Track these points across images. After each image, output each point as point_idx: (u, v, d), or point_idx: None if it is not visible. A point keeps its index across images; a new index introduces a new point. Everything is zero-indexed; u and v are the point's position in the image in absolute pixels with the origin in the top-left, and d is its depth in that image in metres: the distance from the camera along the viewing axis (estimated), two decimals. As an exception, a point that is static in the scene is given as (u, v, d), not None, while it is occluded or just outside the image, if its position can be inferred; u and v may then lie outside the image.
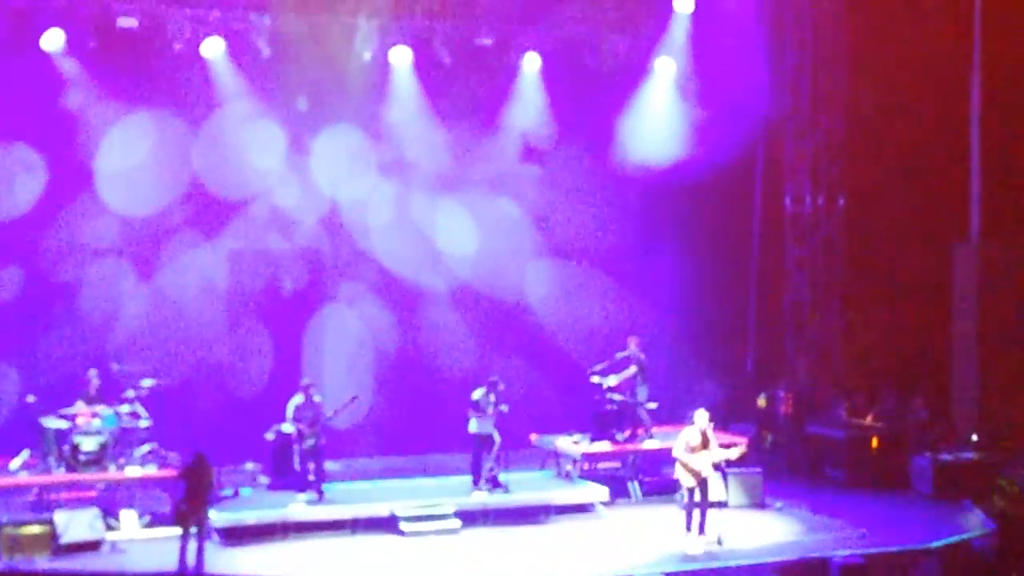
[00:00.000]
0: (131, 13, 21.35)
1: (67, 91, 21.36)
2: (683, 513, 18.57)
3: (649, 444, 21.38)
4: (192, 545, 16.50)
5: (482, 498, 19.71)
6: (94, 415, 19.25)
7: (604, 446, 21.27)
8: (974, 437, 22.20)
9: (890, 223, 24.66)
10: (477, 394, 19.93)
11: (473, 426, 19.92)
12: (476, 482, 19.95)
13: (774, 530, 19.38)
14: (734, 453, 18.66)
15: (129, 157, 21.53)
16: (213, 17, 21.82)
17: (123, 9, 21.29)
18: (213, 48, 21.92)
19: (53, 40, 21.02)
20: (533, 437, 22.01)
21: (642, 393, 21.39)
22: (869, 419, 23.06)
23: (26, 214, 21.30)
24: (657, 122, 24.25)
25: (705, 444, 18.36)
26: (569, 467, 21.25)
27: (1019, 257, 23.83)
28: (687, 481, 18.34)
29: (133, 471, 19.18)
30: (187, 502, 16.62)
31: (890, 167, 24.62)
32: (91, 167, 21.52)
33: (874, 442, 22.34)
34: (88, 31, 21.11)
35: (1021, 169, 23.93)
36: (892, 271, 24.70)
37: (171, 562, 16.60)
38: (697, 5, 23.73)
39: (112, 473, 19.08)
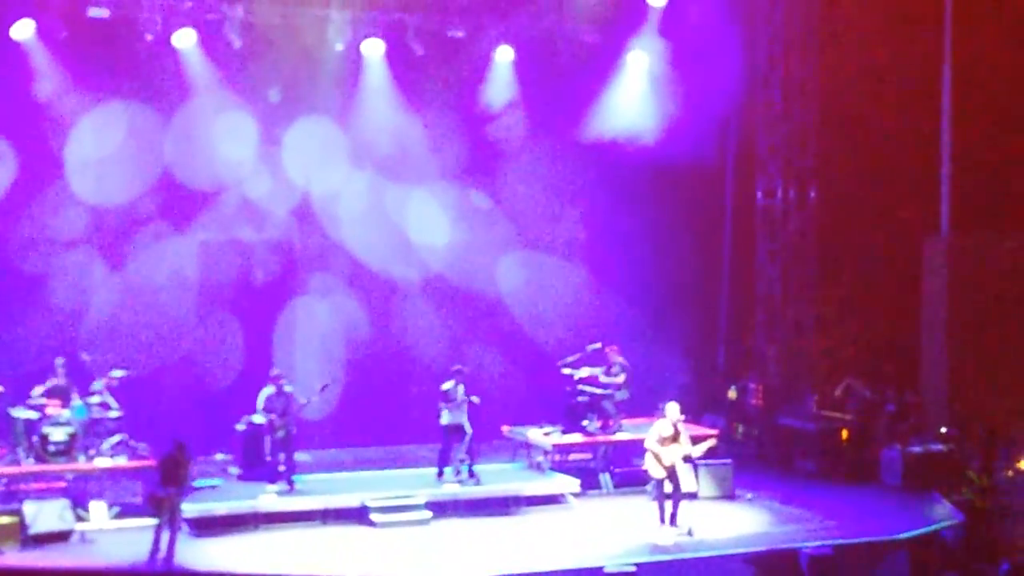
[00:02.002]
0: (102, 3, 21.31)
1: (37, 81, 21.25)
2: (654, 504, 18.63)
3: (620, 435, 21.41)
4: (164, 535, 16.50)
5: (453, 489, 19.73)
6: (64, 405, 19.18)
7: (575, 437, 21.29)
8: (943, 429, 22.31)
9: (861, 216, 24.74)
10: (447, 386, 19.95)
11: (445, 418, 19.93)
12: (441, 474, 19.98)
13: (744, 521, 19.46)
14: (703, 448, 18.75)
15: (100, 147, 21.47)
16: (185, 8, 21.77)
17: (94, -1, 21.23)
18: (185, 39, 21.84)
19: (23, 30, 20.89)
20: (504, 428, 22.02)
21: (622, 395, 21.44)
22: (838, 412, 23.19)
23: (-4, 204, 21.22)
24: (629, 114, 24.26)
25: (676, 436, 18.42)
26: (540, 458, 21.28)
27: (989, 250, 23.97)
28: (657, 472, 18.39)
29: (103, 462, 19.12)
30: (162, 490, 16.61)
31: (862, 161, 24.71)
32: (61, 157, 21.45)
33: (844, 434, 22.43)
34: (59, 21, 21.01)
35: (992, 163, 24.03)
36: (863, 264, 24.81)
37: (141, 553, 16.63)
38: (670, -1, 23.80)
39: (81, 464, 19.02)
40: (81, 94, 21.43)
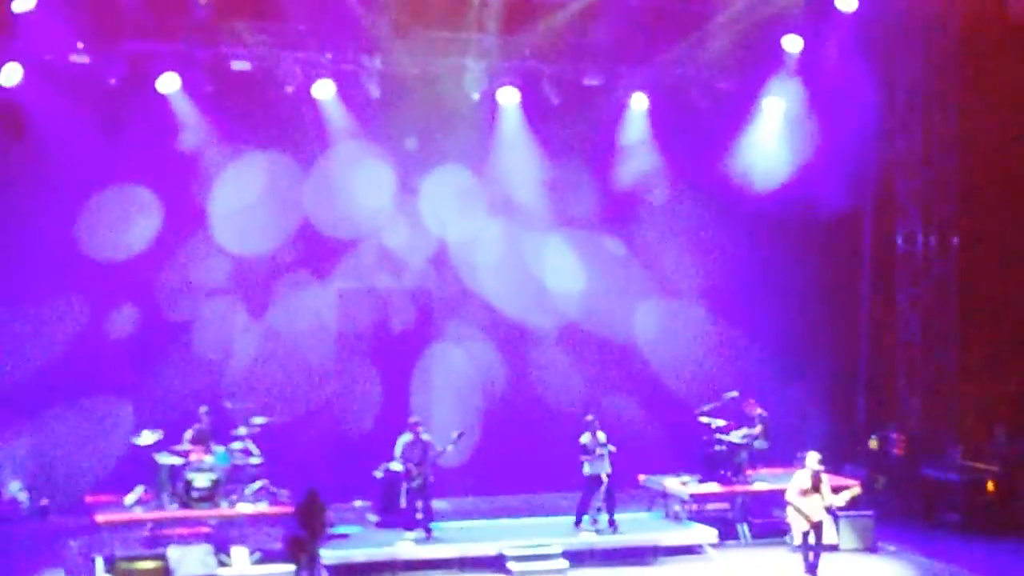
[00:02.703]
0: (245, 57, 21.70)
1: (182, 133, 21.79)
2: (795, 556, 18.34)
3: (758, 485, 21.14)
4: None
5: (590, 538, 19.64)
6: (207, 452, 19.52)
7: (713, 487, 21.07)
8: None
9: (1005, 262, 24.16)
10: (585, 438, 19.87)
11: (587, 469, 19.86)
12: (579, 522, 19.90)
13: (887, 575, 19.05)
14: (846, 497, 18.38)
15: (242, 197, 21.94)
16: (324, 60, 22.08)
17: (237, 53, 21.64)
18: (324, 90, 22.18)
19: (169, 83, 21.42)
20: (641, 477, 21.88)
21: (760, 444, 21.22)
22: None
23: (142, 253, 21.75)
24: (766, 161, 24.08)
25: (817, 487, 18.12)
26: (677, 508, 21.07)
27: None
28: (799, 524, 18.12)
29: (244, 508, 19.38)
30: (301, 537, 16.76)
31: (1004, 205, 24.16)
32: (205, 207, 21.98)
33: (990, 486, 21.89)
34: (203, 74, 21.46)
35: None
36: (1009, 311, 24.19)
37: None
38: (806, 45, 23.51)
39: (224, 509, 19.29)
40: (224, 145, 21.97)
